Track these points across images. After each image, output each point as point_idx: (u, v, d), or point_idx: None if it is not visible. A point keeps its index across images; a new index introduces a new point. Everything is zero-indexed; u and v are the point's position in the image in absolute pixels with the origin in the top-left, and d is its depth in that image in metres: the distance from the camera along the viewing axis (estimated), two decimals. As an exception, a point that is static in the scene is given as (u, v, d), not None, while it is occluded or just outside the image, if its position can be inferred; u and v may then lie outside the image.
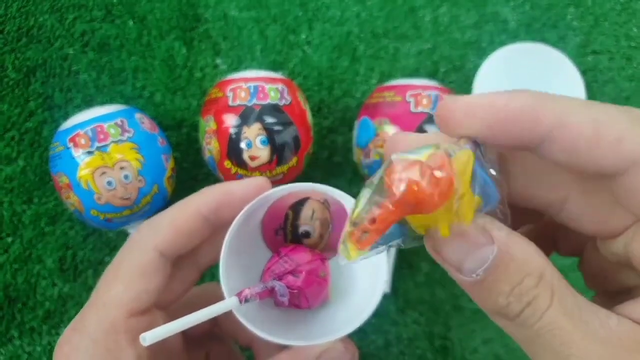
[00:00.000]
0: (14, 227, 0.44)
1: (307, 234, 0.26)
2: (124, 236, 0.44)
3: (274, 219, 0.26)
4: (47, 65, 0.46)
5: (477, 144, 0.18)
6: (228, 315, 0.23)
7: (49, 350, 0.43)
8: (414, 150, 0.17)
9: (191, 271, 0.28)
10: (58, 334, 0.43)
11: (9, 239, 0.44)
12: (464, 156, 0.17)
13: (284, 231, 0.26)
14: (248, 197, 0.24)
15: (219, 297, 0.30)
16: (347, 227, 0.17)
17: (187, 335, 0.28)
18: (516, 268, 0.17)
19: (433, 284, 0.46)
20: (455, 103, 0.18)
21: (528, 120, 0.17)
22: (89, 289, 0.44)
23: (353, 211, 0.17)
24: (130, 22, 0.47)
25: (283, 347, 0.25)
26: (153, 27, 0.48)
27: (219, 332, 0.33)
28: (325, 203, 0.26)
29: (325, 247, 0.27)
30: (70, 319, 0.43)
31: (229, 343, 0.34)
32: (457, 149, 0.17)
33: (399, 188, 0.16)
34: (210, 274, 0.39)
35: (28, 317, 0.43)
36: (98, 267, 0.44)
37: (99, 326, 0.23)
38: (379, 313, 0.23)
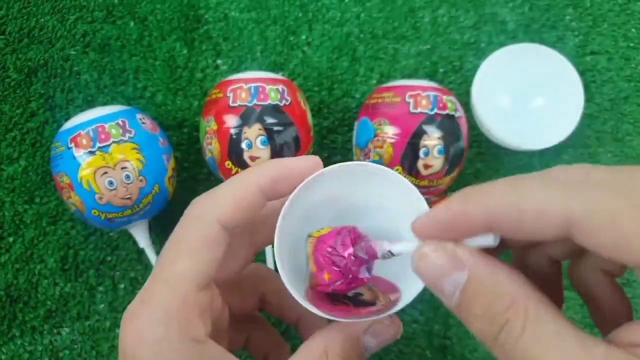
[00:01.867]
0: (15, 227, 0.44)
1: (358, 294, 0.26)
2: (125, 236, 0.44)
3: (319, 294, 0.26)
4: (49, 66, 0.46)
5: None
6: (275, 294, 0.24)
7: (50, 350, 0.43)
8: None
9: (246, 249, 0.28)
10: (59, 334, 0.43)
11: (11, 239, 0.44)
12: None
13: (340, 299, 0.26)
14: (305, 173, 0.24)
15: (269, 279, 0.30)
16: None
17: (231, 316, 0.29)
18: (485, 292, 0.18)
19: (432, 284, 0.46)
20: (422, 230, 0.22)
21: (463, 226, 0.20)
22: (90, 288, 0.44)
23: None
24: (132, 23, 0.48)
25: (329, 323, 0.25)
26: (154, 28, 0.48)
27: (259, 315, 0.34)
28: (370, 286, 0.26)
29: (383, 292, 0.26)
30: (72, 319, 0.43)
31: (268, 327, 0.34)
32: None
33: None
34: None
35: (29, 317, 0.43)
36: (99, 266, 0.44)
37: (170, 301, 0.22)
38: (414, 300, 0.24)
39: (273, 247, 0.24)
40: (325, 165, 0.25)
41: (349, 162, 0.25)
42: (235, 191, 0.24)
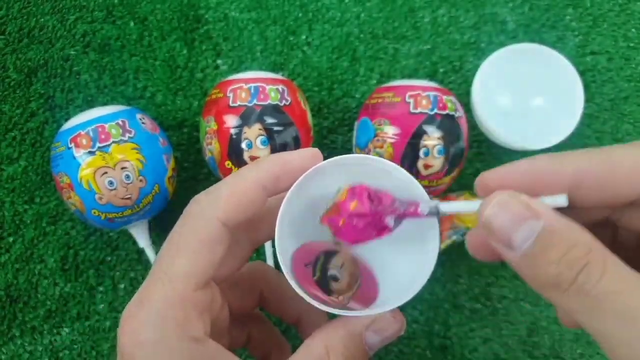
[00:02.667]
0: (15, 227, 0.44)
1: (335, 278, 0.26)
2: (125, 236, 0.44)
3: (306, 254, 0.26)
4: (49, 66, 0.46)
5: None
6: (274, 291, 0.24)
7: (50, 350, 0.43)
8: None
9: (245, 246, 0.27)
10: (59, 334, 0.43)
11: (11, 239, 0.44)
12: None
13: (313, 268, 0.26)
14: (305, 166, 0.24)
15: (268, 276, 0.30)
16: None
17: (231, 314, 0.28)
18: (563, 239, 0.18)
19: (432, 283, 0.46)
20: (491, 176, 0.22)
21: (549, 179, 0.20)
22: (90, 288, 0.44)
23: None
24: (132, 23, 0.48)
25: (330, 321, 0.25)
26: (154, 28, 0.48)
27: (260, 313, 0.33)
28: (355, 260, 0.26)
29: (353, 299, 0.26)
30: (72, 319, 0.43)
31: (269, 324, 0.34)
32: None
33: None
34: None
35: (29, 317, 0.43)
36: (99, 266, 0.44)
37: (167, 300, 0.22)
38: (419, 294, 0.24)
39: (273, 243, 0.24)
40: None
41: (350, 155, 0.24)
42: (236, 188, 0.24)
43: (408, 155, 0.39)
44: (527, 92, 0.48)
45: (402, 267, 0.26)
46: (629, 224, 0.22)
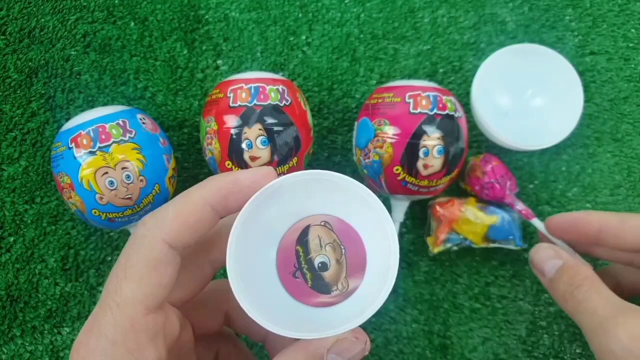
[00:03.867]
0: (16, 227, 0.44)
1: (324, 266, 0.26)
2: (125, 236, 0.44)
3: (287, 262, 0.26)
4: (49, 66, 0.46)
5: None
6: (240, 311, 0.23)
7: (51, 350, 0.43)
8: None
9: (203, 268, 0.27)
10: (60, 333, 0.43)
11: (11, 239, 0.44)
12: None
13: (302, 272, 0.26)
14: (256, 185, 0.23)
15: (232, 294, 0.29)
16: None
17: (197, 335, 0.28)
18: (572, 270, 0.32)
19: (432, 283, 0.46)
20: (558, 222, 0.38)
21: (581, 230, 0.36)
22: (90, 288, 0.44)
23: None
24: (132, 24, 0.48)
25: (295, 342, 0.25)
26: (154, 29, 0.48)
27: (228, 330, 0.33)
28: (327, 225, 0.26)
29: (349, 273, 0.26)
30: (72, 318, 0.43)
31: (237, 342, 0.33)
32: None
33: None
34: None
35: (30, 316, 0.43)
36: (100, 266, 0.44)
37: (116, 327, 0.22)
38: (378, 311, 0.24)
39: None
40: (324, 166, 0.25)
41: (303, 172, 0.23)
42: (181, 208, 0.23)
43: (408, 156, 0.39)
44: (527, 93, 0.48)
45: (364, 284, 0.26)
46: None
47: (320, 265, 0.26)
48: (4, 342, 0.43)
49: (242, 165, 0.39)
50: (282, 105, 0.39)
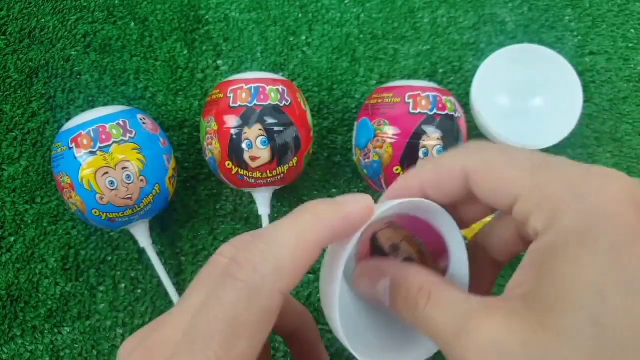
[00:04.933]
0: (16, 227, 0.44)
1: (396, 247, 0.25)
2: (126, 236, 0.44)
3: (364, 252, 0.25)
4: (50, 67, 0.47)
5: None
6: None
7: (51, 349, 0.43)
8: None
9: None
10: (60, 333, 0.43)
11: (12, 239, 0.44)
12: None
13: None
14: (362, 220, 0.22)
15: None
16: None
17: None
18: (403, 287, 0.23)
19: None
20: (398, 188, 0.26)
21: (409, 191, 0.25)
22: (91, 288, 0.44)
23: None
24: (132, 24, 0.48)
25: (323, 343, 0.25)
26: (155, 29, 0.48)
27: None
28: (391, 225, 0.25)
29: (434, 258, 0.26)
30: (72, 318, 0.43)
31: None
32: None
33: None
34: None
35: (30, 316, 0.43)
36: (100, 266, 0.44)
37: None
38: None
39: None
40: (324, 166, 0.24)
41: (405, 200, 0.23)
42: (297, 253, 0.21)
43: (407, 156, 0.39)
44: (527, 93, 0.48)
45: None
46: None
47: (392, 246, 0.25)
48: (5, 342, 0.43)
49: (243, 165, 0.39)
50: (282, 105, 0.39)
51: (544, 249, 0.20)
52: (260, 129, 0.38)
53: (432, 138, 0.39)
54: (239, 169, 0.39)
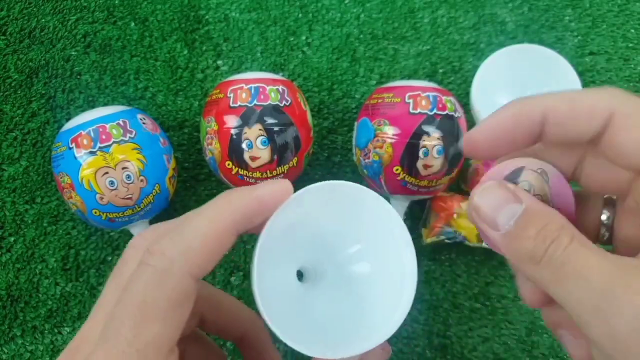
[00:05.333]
0: (16, 227, 0.44)
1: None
2: (126, 235, 0.44)
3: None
4: (50, 67, 0.47)
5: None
6: (215, 311, 0.21)
7: (51, 349, 0.43)
8: None
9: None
10: (60, 333, 0.43)
11: (12, 239, 0.44)
12: None
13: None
14: (277, 202, 0.22)
15: (209, 296, 0.27)
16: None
17: None
18: (540, 218, 0.21)
19: (432, 283, 0.46)
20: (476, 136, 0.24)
21: (524, 119, 0.23)
22: (91, 288, 0.44)
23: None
24: (132, 24, 0.48)
25: (276, 343, 0.24)
26: (155, 29, 0.48)
27: (196, 330, 0.30)
28: (543, 174, 0.23)
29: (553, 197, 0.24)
30: (73, 318, 0.44)
31: (206, 340, 0.30)
32: None
33: None
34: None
35: (30, 316, 0.43)
36: (100, 266, 0.44)
37: None
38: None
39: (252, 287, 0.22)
40: (324, 166, 0.24)
41: (319, 184, 0.23)
42: (208, 235, 0.21)
43: (407, 156, 0.39)
44: (527, 93, 0.48)
45: (379, 301, 0.25)
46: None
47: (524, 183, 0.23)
48: (5, 342, 0.43)
49: (243, 165, 0.39)
50: (282, 105, 0.39)
51: None
52: (260, 129, 0.39)
53: (432, 138, 0.39)
54: (239, 169, 0.39)
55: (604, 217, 0.24)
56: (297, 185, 0.23)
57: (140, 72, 0.47)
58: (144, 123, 0.40)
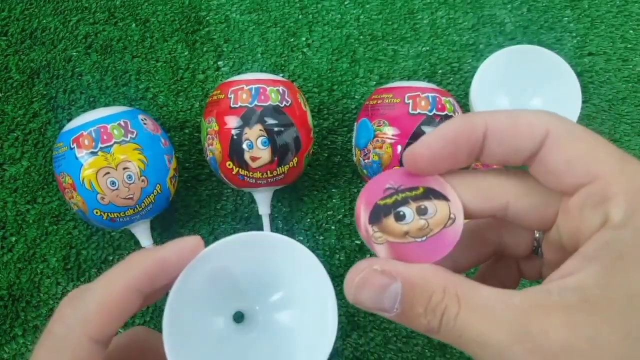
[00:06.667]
0: (18, 227, 0.44)
1: (400, 215, 0.23)
2: (127, 235, 0.45)
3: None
4: (51, 67, 0.47)
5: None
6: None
7: (53, 348, 0.43)
8: None
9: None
10: (62, 332, 0.43)
11: (13, 238, 0.44)
12: None
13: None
14: (184, 261, 0.22)
15: (149, 345, 0.27)
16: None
17: None
18: (422, 292, 0.20)
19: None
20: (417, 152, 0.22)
21: (466, 134, 0.22)
22: (92, 287, 0.44)
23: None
24: (133, 25, 0.48)
25: None
26: (156, 30, 0.48)
27: None
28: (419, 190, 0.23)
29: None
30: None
31: None
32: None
33: None
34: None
35: (32, 316, 0.43)
36: (101, 266, 0.44)
37: None
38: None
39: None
40: (324, 166, 0.23)
41: (234, 236, 0.23)
42: (103, 298, 0.21)
43: (407, 156, 0.39)
44: (526, 93, 0.48)
45: (301, 346, 0.25)
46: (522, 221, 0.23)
47: (398, 213, 0.23)
48: (6, 342, 0.43)
49: (243, 165, 0.39)
50: (282, 106, 0.40)
51: (618, 243, 0.18)
52: (260, 130, 0.39)
53: (431, 138, 0.39)
54: (240, 169, 0.40)
55: (536, 234, 0.25)
56: (297, 184, 0.23)
57: (142, 73, 0.47)
58: (145, 123, 0.40)
